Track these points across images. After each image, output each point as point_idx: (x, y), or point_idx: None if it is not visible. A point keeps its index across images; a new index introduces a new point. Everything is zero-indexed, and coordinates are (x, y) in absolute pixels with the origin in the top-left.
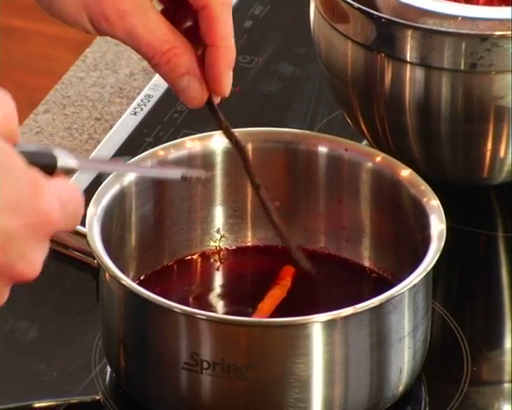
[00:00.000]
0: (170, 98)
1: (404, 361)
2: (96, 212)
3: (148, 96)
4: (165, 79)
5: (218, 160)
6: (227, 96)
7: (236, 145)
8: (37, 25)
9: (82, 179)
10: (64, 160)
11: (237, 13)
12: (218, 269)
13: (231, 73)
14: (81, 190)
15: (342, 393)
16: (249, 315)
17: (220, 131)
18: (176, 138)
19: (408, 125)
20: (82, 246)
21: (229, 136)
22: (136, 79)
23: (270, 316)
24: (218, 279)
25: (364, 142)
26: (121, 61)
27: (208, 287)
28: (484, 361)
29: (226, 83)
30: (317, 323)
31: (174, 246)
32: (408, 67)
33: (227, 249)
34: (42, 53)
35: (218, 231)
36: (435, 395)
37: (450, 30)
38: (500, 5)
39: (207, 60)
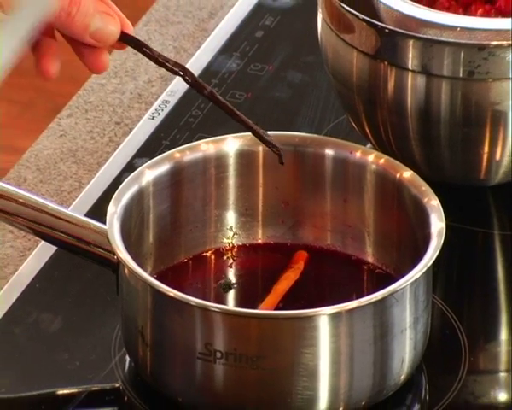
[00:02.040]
0: (186, 104)
1: (405, 352)
2: (116, 210)
3: (165, 101)
4: (77, 33)
5: (231, 162)
6: None
7: (174, 72)
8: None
9: (100, 181)
10: None
11: (249, 23)
12: (230, 265)
13: None
14: None
15: (347, 381)
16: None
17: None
18: (191, 141)
19: (409, 130)
20: (102, 243)
21: (162, 64)
22: (154, 86)
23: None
24: (231, 274)
25: (369, 145)
26: (140, 68)
27: (221, 281)
28: (481, 352)
29: None
30: (323, 315)
31: (189, 243)
32: (410, 74)
33: (239, 246)
34: (66, 60)
35: (230, 229)
36: (435, 384)
37: (450, 40)
38: (496, 16)
39: None
